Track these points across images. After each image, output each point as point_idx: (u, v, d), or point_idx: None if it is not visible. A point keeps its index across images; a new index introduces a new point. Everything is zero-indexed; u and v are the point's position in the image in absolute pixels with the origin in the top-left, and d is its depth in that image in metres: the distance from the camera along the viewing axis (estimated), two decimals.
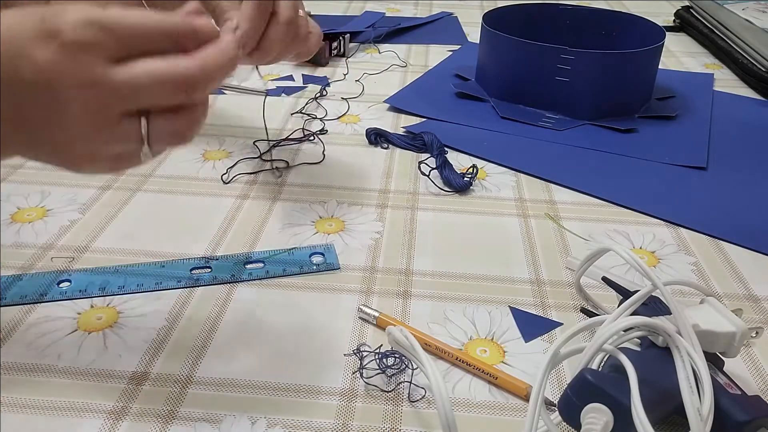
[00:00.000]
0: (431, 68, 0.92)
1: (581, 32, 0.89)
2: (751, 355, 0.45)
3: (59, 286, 0.48)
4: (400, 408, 0.40)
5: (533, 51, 0.76)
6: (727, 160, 0.70)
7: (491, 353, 0.44)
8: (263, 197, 0.61)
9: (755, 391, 0.42)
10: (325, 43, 0.91)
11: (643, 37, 0.82)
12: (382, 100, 0.81)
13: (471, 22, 1.13)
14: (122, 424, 0.38)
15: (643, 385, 0.33)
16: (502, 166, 0.68)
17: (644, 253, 0.55)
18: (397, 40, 1.04)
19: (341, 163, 0.67)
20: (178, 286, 0.49)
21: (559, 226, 0.58)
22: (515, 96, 0.80)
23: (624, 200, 0.62)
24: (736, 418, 0.36)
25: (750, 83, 0.91)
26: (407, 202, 0.61)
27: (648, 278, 0.38)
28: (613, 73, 0.75)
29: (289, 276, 0.50)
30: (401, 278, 0.51)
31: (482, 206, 0.61)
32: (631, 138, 0.74)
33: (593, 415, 0.34)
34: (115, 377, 0.41)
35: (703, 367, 0.35)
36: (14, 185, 0.61)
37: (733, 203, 0.62)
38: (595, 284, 0.49)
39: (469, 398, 0.41)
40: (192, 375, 0.41)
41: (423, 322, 0.46)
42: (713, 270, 0.53)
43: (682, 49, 1.05)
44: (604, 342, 0.36)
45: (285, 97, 0.82)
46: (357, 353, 0.43)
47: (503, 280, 0.51)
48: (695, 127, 0.77)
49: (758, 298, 0.50)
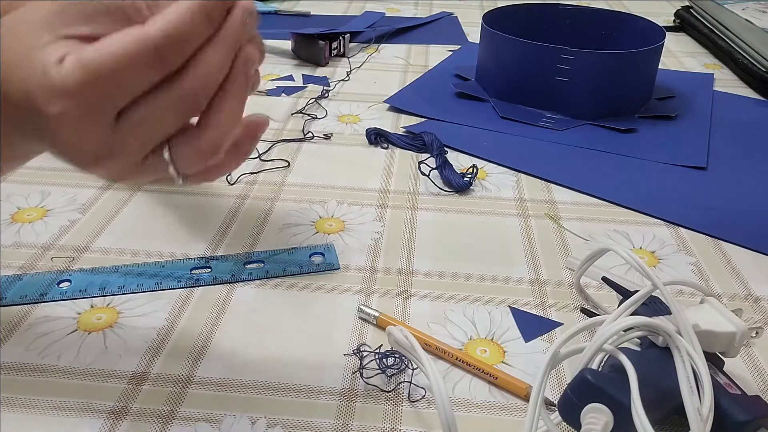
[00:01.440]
0: (431, 68, 0.92)
1: (581, 32, 0.89)
2: (751, 355, 0.45)
3: (59, 286, 0.48)
4: (400, 408, 0.40)
5: (533, 51, 0.76)
6: (727, 160, 0.70)
7: (491, 353, 0.44)
8: (263, 197, 0.61)
9: (755, 391, 0.42)
10: (325, 43, 0.91)
11: (643, 37, 0.82)
12: (382, 100, 0.81)
13: (471, 22, 1.13)
14: (122, 424, 0.38)
15: (643, 385, 0.33)
16: (502, 166, 0.68)
17: (644, 253, 0.55)
18: (397, 40, 1.04)
19: (341, 163, 0.67)
20: (178, 286, 0.49)
21: (559, 226, 0.58)
22: (515, 96, 0.80)
23: (624, 200, 0.62)
24: (736, 418, 0.36)
25: (750, 83, 0.91)
26: (407, 202, 0.61)
27: (648, 278, 0.38)
28: (613, 73, 0.75)
29: (289, 276, 0.50)
30: (401, 278, 0.51)
31: (482, 206, 0.61)
32: (631, 138, 0.74)
33: (593, 415, 0.34)
34: (115, 377, 0.41)
35: (703, 367, 0.35)
36: (14, 185, 0.61)
37: (733, 203, 0.62)
38: (595, 284, 0.49)
39: (469, 398, 0.41)
40: (192, 375, 0.41)
41: (423, 322, 0.46)
42: (713, 270, 0.53)
43: (682, 49, 1.05)
44: (604, 342, 0.36)
45: (285, 97, 0.82)
46: (357, 353, 0.43)
47: (503, 280, 0.51)
48: (695, 127, 0.77)
49: (758, 298, 0.50)
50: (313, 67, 0.92)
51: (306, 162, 0.67)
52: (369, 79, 0.88)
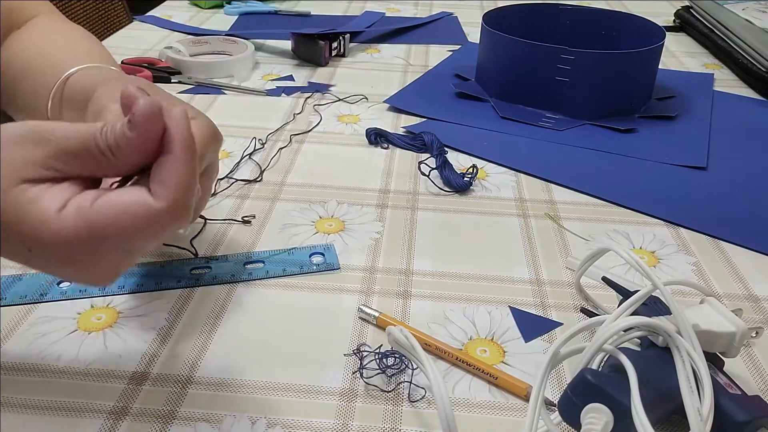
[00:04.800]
0: (431, 68, 0.92)
1: (581, 32, 0.89)
2: (751, 355, 0.45)
3: (59, 286, 0.48)
4: (400, 408, 0.40)
5: (533, 51, 0.76)
6: (727, 160, 0.70)
7: (491, 353, 0.44)
8: (263, 197, 0.61)
9: (755, 391, 0.42)
10: (325, 43, 0.91)
11: (643, 37, 0.82)
12: (382, 100, 0.81)
13: (471, 22, 1.13)
14: (122, 424, 0.38)
15: (643, 385, 0.33)
16: (502, 166, 0.68)
17: (644, 253, 0.55)
18: (397, 40, 1.04)
19: (341, 163, 0.67)
20: (178, 286, 0.49)
21: (559, 226, 0.58)
22: (515, 96, 0.80)
23: (624, 200, 0.62)
24: (736, 418, 0.36)
25: (750, 83, 0.91)
26: (407, 202, 0.61)
27: (648, 278, 0.38)
28: (613, 73, 0.75)
29: (289, 276, 0.50)
30: (401, 278, 0.51)
31: (482, 206, 0.61)
32: (631, 138, 0.74)
33: (593, 415, 0.34)
34: (115, 377, 0.41)
35: (703, 367, 0.35)
36: None
37: (733, 203, 0.62)
38: (595, 284, 0.49)
39: (469, 398, 0.41)
40: (192, 375, 0.41)
41: (423, 322, 0.46)
42: (713, 270, 0.53)
43: (682, 49, 1.05)
44: (604, 342, 0.36)
45: (285, 97, 0.82)
46: (357, 353, 0.43)
47: (503, 280, 0.51)
48: (695, 127, 0.77)
49: (758, 298, 0.50)
50: (314, 67, 0.92)
51: (306, 162, 0.67)
52: (369, 80, 0.88)
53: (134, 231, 0.31)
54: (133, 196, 0.31)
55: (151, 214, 0.30)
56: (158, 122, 0.30)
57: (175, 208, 0.31)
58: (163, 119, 0.31)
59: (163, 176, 0.31)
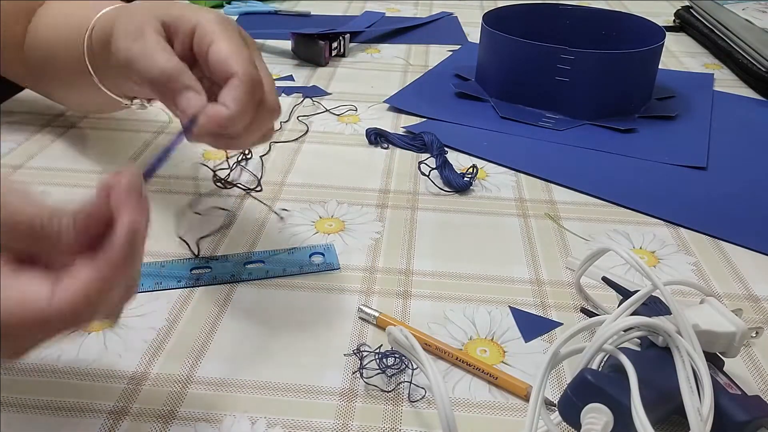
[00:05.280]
0: (431, 68, 0.92)
1: (581, 32, 0.89)
2: (751, 355, 0.45)
3: None
4: (400, 408, 0.40)
5: (533, 51, 0.76)
6: (727, 160, 0.70)
7: (491, 353, 0.44)
8: (263, 197, 0.61)
9: (755, 391, 0.42)
10: (325, 43, 0.91)
11: (643, 37, 0.82)
12: (382, 100, 0.81)
13: (471, 22, 1.13)
14: (122, 424, 0.38)
15: (643, 385, 0.33)
16: (502, 166, 0.68)
17: (644, 253, 0.55)
18: (397, 40, 1.04)
19: (341, 163, 0.67)
20: (178, 286, 0.49)
21: (559, 226, 0.58)
22: (515, 96, 0.80)
23: (624, 200, 0.62)
24: (736, 418, 0.36)
25: (750, 83, 0.91)
26: (407, 202, 0.61)
27: (648, 278, 0.38)
28: (613, 73, 0.75)
29: (289, 276, 0.50)
30: (401, 278, 0.51)
31: (482, 206, 0.61)
32: (631, 138, 0.74)
33: (593, 415, 0.34)
34: (115, 377, 0.41)
35: (703, 367, 0.35)
36: None
37: (733, 203, 0.62)
38: (595, 284, 0.49)
39: (469, 398, 0.41)
40: (192, 375, 0.41)
41: (423, 322, 0.46)
42: (713, 270, 0.53)
43: (682, 49, 1.05)
44: (604, 342, 0.36)
45: (285, 97, 0.82)
46: (357, 353, 0.43)
47: (503, 280, 0.51)
48: (695, 127, 0.77)
49: (758, 298, 0.50)
50: (314, 67, 0.92)
51: (306, 162, 0.67)
52: (369, 80, 0.88)
53: (20, 329, 0.28)
54: (33, 289, 0.28)
55: (42, 316, 0.28)
56: (103, 227, 0.29)
57: (71, 313, 0.28)
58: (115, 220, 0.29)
59: (74, 273, 0.28)
